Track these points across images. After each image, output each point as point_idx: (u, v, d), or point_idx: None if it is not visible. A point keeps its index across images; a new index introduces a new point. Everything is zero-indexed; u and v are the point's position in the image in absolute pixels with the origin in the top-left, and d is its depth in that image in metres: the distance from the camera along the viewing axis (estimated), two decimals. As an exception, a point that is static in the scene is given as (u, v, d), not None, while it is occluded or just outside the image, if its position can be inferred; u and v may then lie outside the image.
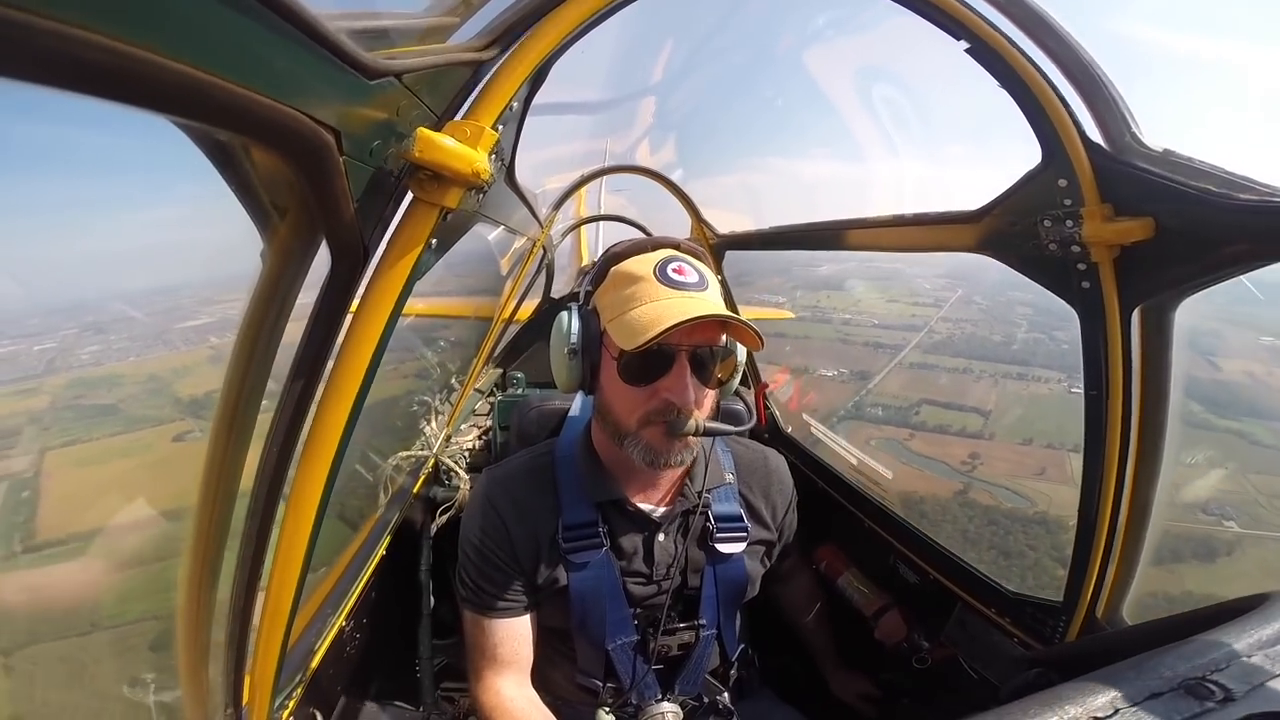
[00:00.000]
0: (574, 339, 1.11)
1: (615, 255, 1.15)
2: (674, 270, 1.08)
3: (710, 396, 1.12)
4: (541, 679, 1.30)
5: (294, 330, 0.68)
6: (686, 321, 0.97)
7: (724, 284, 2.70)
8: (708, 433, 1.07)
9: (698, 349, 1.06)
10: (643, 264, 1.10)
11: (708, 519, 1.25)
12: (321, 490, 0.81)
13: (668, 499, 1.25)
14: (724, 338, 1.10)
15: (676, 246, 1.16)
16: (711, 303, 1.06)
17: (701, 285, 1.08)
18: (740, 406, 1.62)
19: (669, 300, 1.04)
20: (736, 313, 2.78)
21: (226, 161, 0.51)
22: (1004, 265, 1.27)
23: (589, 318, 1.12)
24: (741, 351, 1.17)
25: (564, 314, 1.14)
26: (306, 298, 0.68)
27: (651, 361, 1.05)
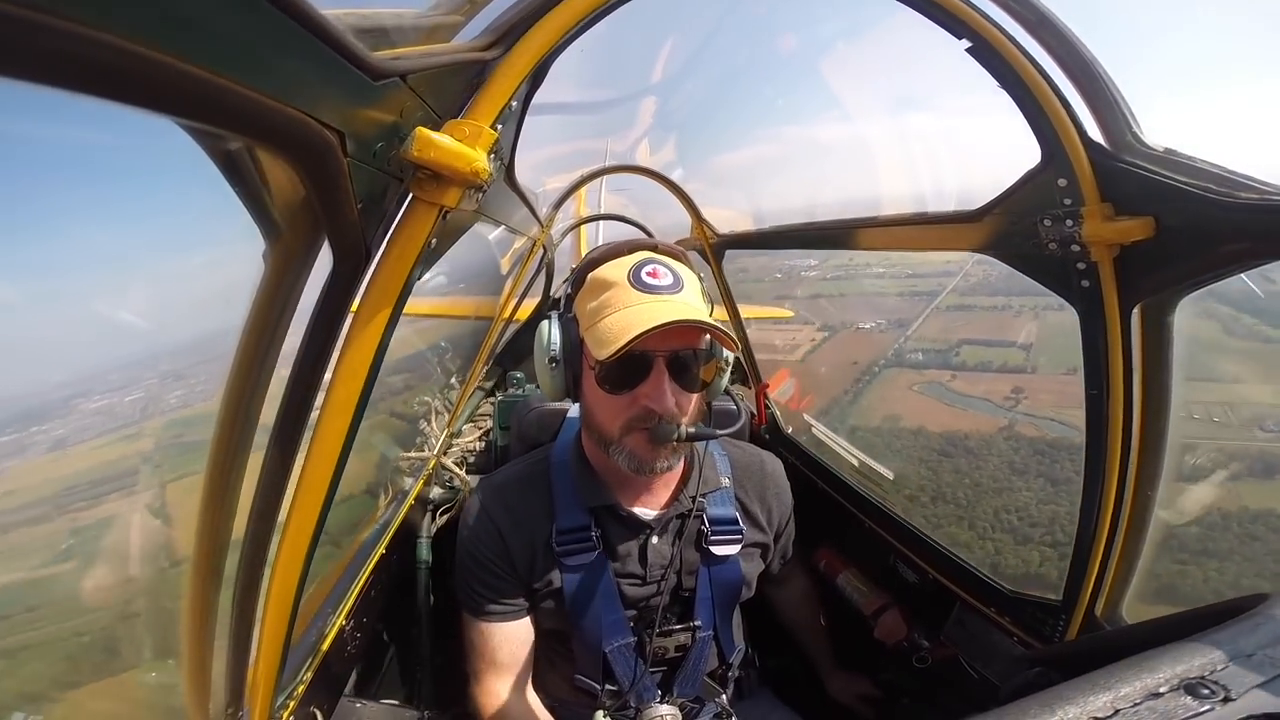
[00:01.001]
0: (554, 348, 1.10)
1: (592, 261, 1.14)
2: (648, 274, 1.06)
3: (694, 400, 1.10)
4: (540, 681, 1.31)
5: (295, 331, 0.69)
6: (653, 329, 0.95)
7: (723, 282, 2.70)
8: (691, 438, 1.06)
9: (677, 353, 1.05)
10: (617, 269, 1.08)
11: (702, 522, 1.25)
12: (324, 491, 0.81)
13: (662, 502, 1.25)
14: (705, 339, 1.08)
15: (654, 248, 1.15)
16: (686, 305, 1.04)
17: (675, 287, 1.06)
18: (733, 406, 1.62)
19: (640, 306, 1.02)
20: (735, 310, 2.78)
21: (230, 163, 0.51)
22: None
23: (569, 325, 1.11)
24: (730, 351, 1.15)
25: (544, 323, 1.13)
26: (307, 299, 0.68)
27: (629, 368, 1.04)
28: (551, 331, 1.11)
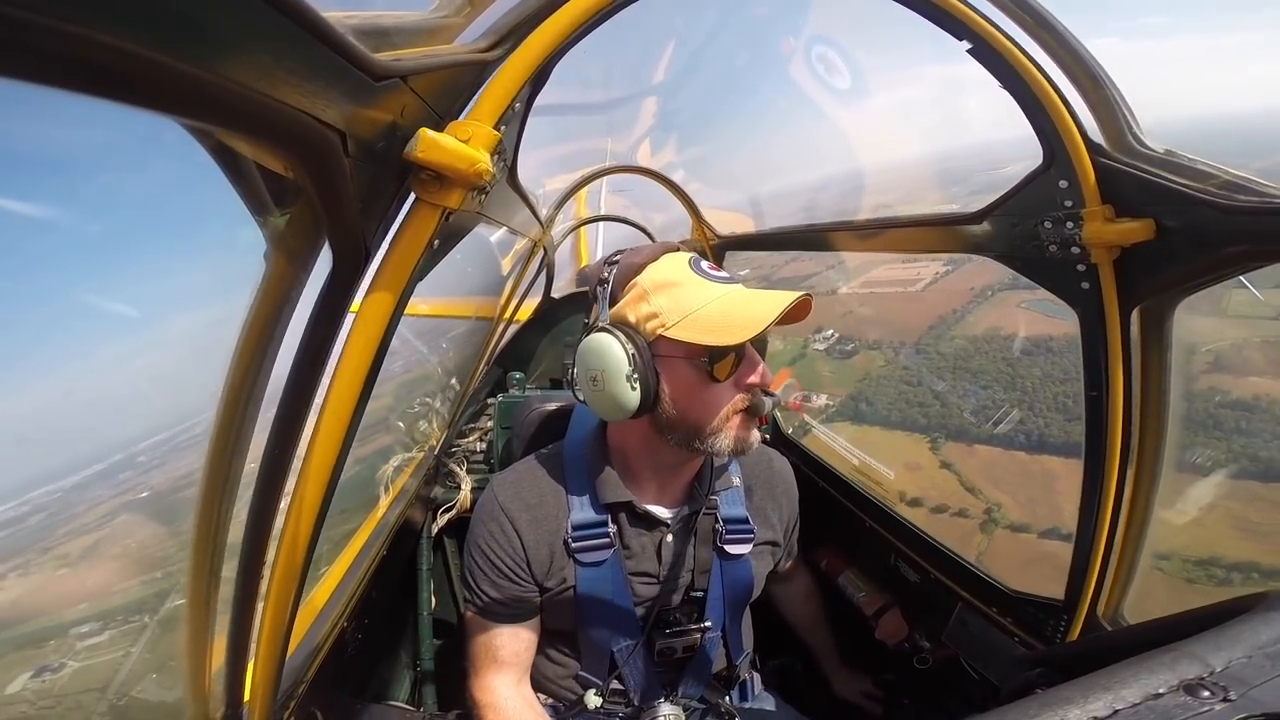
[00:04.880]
0: (634, 359, 1.03)
1: (632, 266, 1.10)
2: (709, 267, 1.09)
3: None
4: (545, 680, 1.31)
5: (296, 331, 0.69)
6: (796, 300, 1.00)
7: None
8: (777, 404, 1.10)
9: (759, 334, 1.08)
10: (672, 269, 1.08)
11: (716, 520, 1.25)
12: (323, 491, 0.81)
13: (677, 501, 1.25)
14: None
15: (676, 249, 1.15)
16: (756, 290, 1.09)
17: (734, 278, 1.10)
18: None
19: (734, 292, 1.05)
20: None
21: (232, 162, 0.51)
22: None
23: (632, 334, 1.05)
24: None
25: (602, 338, 1.05)
26: (308, 299, 0.68)
27: (734, 355, 1.06)
28: (623, 344, 1.03)
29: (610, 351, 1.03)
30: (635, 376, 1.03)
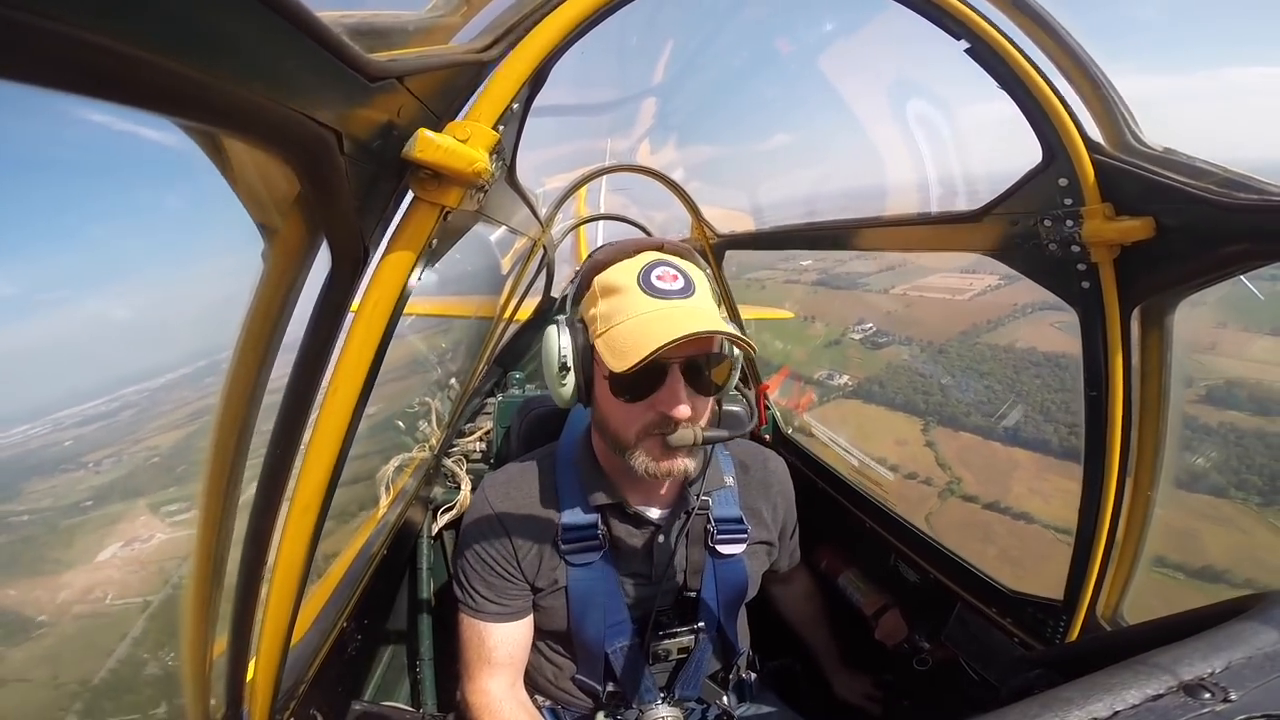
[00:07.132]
0: (565, 355, 1.06)
1: (598, 263, 1.10)
2: (658, 277, 1.03)
3: (708, 404, 1.10)
4: (541, 682, 1.31)
5: (294, 332, 0.69)
6: (670, 344, 0.92)
7: (723, 282, 2.70)
8: (707, 441, 1.05)
9: (691, 358, 1.03)
10: (625, 272, 1.05)
11: (708, 521, 1.25)
12: (323, 491, 0.81)
13: (668, 502, 1.25)
14: (719, 341, 1.07)
15: (660, 247, 1.11)
16: (699, 310, 1.02)
17: (688, 291, 1.03)
18: (739, 407, 1.61)
19: (655, 312, 1.00)
20: (735, 311, 2.77)
21: (228, 162, 0.51)
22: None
23: (578, 331, 1.08)
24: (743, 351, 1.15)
25: (552, 329, 1.09)
26: (307, 298, 0.68)
27: (644, 377, 1.00)
28: (560, 338, 1.07)
29: (549, 343, 1.08)
30: (566, 372, 1.07)
